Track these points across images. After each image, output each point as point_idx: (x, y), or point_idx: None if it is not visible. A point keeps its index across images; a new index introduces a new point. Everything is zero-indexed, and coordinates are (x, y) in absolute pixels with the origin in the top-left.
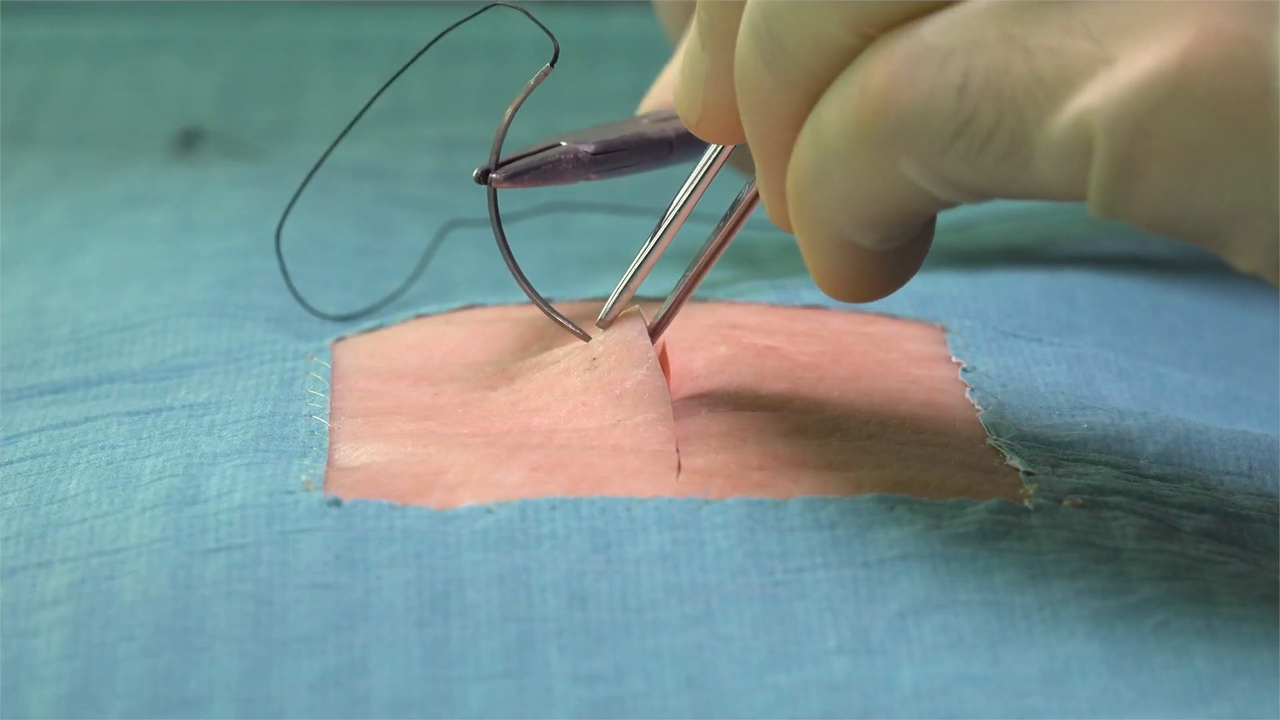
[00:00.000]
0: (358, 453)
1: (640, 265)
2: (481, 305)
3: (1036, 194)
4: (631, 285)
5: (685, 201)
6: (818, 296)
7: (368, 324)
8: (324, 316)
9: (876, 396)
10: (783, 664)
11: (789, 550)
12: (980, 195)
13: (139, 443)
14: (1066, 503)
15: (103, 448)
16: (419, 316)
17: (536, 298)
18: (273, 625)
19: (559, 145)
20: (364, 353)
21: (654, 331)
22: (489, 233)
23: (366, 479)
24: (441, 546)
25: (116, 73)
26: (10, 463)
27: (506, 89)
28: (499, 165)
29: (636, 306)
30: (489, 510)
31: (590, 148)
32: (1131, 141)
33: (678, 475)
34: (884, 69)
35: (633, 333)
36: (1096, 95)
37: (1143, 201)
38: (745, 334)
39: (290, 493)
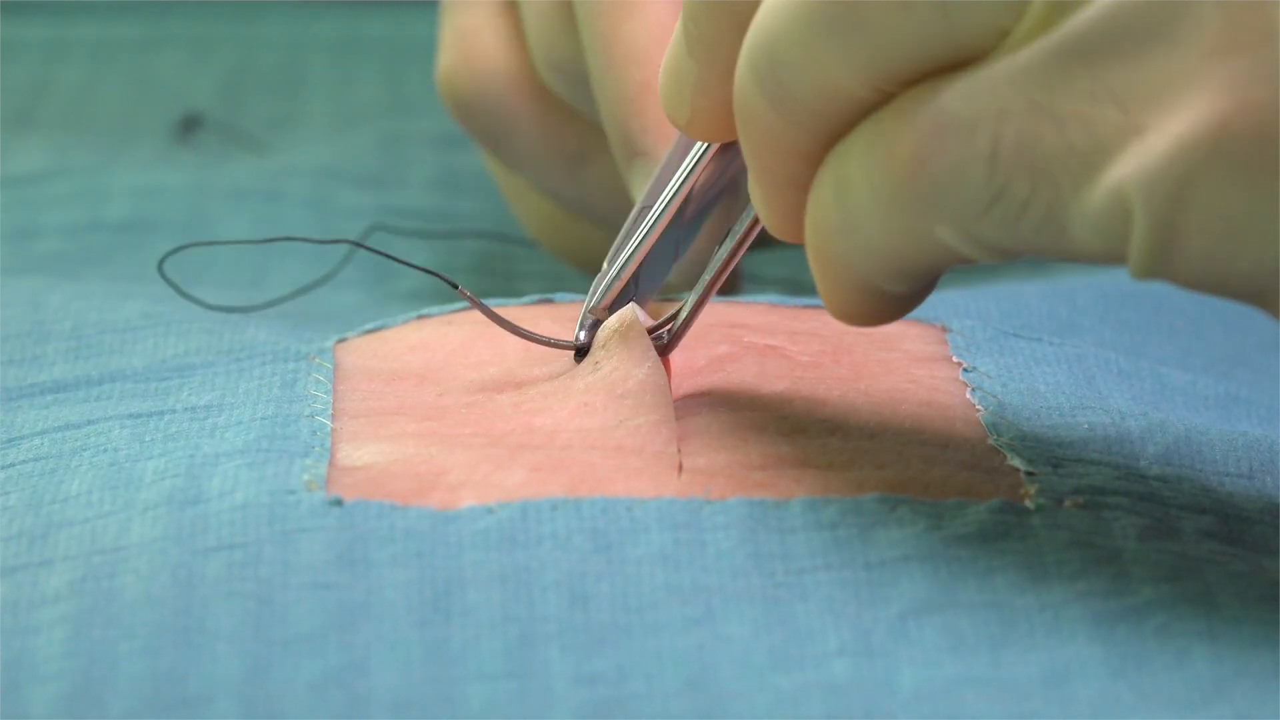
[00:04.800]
0: (360, 453)
1: (630, 255)
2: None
3: (1075, 257)
4: (622, 274)
5: (675, 191)
6: (818, 297)
7: (369, 325)
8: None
9: (877, 396)
10: (784, 665)
11: (790, 551)
12: (1015, 255)
13: (141, 445)
14: (1068, 503)
15: (105, 450)
16: (420, 317)
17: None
18: (274, 624)
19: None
20: (366, 353)
21: (667, 346)
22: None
23: (368, 479)
24: (443, 546)
25: (117, 69)
26: (13, 464)
27: None
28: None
29: (633, 303)
30: (490, 510)
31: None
32: (1169, 212)
33: (679, 475)
34: (910, 137)
35: (632, 332)
36: (1130, 167)
37: (1184, 267)
38: (746, 333)
39: (292, 492)
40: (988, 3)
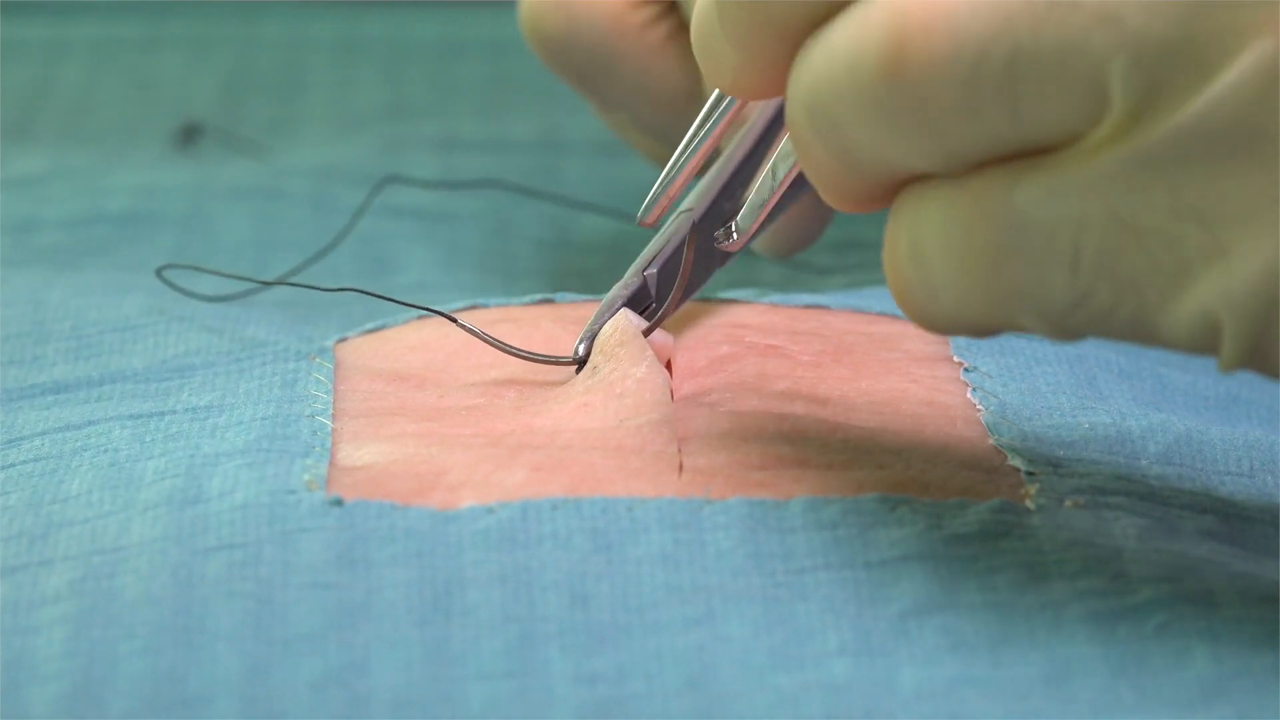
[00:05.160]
0: (360, 453)
1: (682, 160)
2: (484, 305)
3: (1163, 349)
4: (670, 189)
5: (707, 129)
6: (819, 297)
7: (370, 325)
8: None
9: (877, 396)
10: (784, 665)
11: (790, 551)
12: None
13: (142, 445)
14: (1068, 503)
15: (105, 450)
16: (421, 317)
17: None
18: (274, 624)
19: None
20: (366, 353)
21: (735, 246)
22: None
23: (368, 479)
24: (443, 546)
25: (116, 70)
26: (13, 465)
27: (506, 87)
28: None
29: (625, 309)
30: (490, 510)
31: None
32: (1257, 332)
33: (679, 475)
34: (986, 232)
35: (628, 336)
36: (1217, 290)
37: (1273, 368)
38: (747, 333)
39: (292, 492)
40: (1062, 109)
